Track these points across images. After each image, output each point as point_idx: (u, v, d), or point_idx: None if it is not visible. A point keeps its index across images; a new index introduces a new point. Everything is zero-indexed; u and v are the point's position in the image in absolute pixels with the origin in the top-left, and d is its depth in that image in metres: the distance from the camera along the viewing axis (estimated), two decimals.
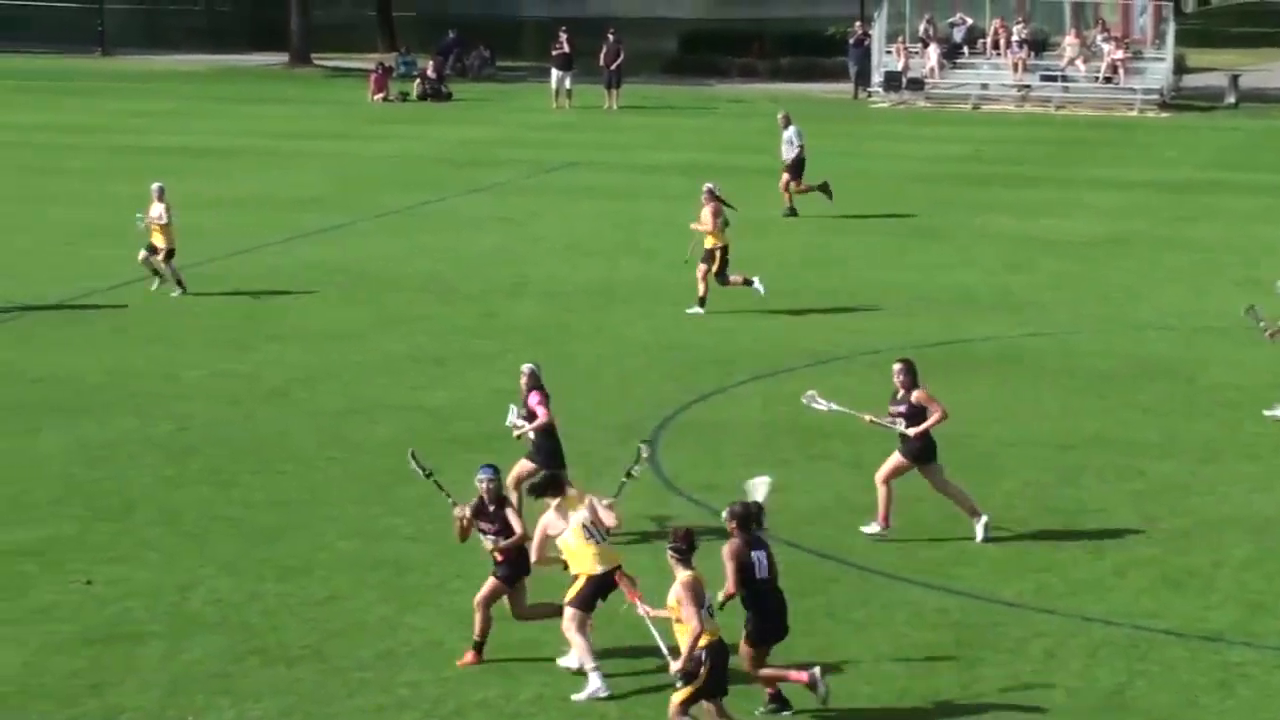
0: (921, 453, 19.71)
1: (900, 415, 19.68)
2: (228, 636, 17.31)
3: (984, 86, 64.68)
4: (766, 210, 39.86)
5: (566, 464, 19.16)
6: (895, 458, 19.83)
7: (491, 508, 16.70)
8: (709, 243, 30.70)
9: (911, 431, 19.58)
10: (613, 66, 61.77)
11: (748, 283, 30.75)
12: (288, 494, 21.50)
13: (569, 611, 16.23)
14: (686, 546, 14.72)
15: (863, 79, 65.34)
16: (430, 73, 65.65)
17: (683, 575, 14.62)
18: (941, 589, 18.59)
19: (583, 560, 16.26)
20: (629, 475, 17.84)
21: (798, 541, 19.59)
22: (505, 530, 16.62)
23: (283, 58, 75.29)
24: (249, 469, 22.36)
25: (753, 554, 15.24)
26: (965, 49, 66.39)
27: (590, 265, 34.99)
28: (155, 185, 31.34)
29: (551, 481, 16.80)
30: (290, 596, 18.32)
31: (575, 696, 15.86)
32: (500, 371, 25.46)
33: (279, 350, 28.27)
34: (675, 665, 14.55)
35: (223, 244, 36.31)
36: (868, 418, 20.15)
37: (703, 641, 14.37)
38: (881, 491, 19.94)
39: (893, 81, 64.21)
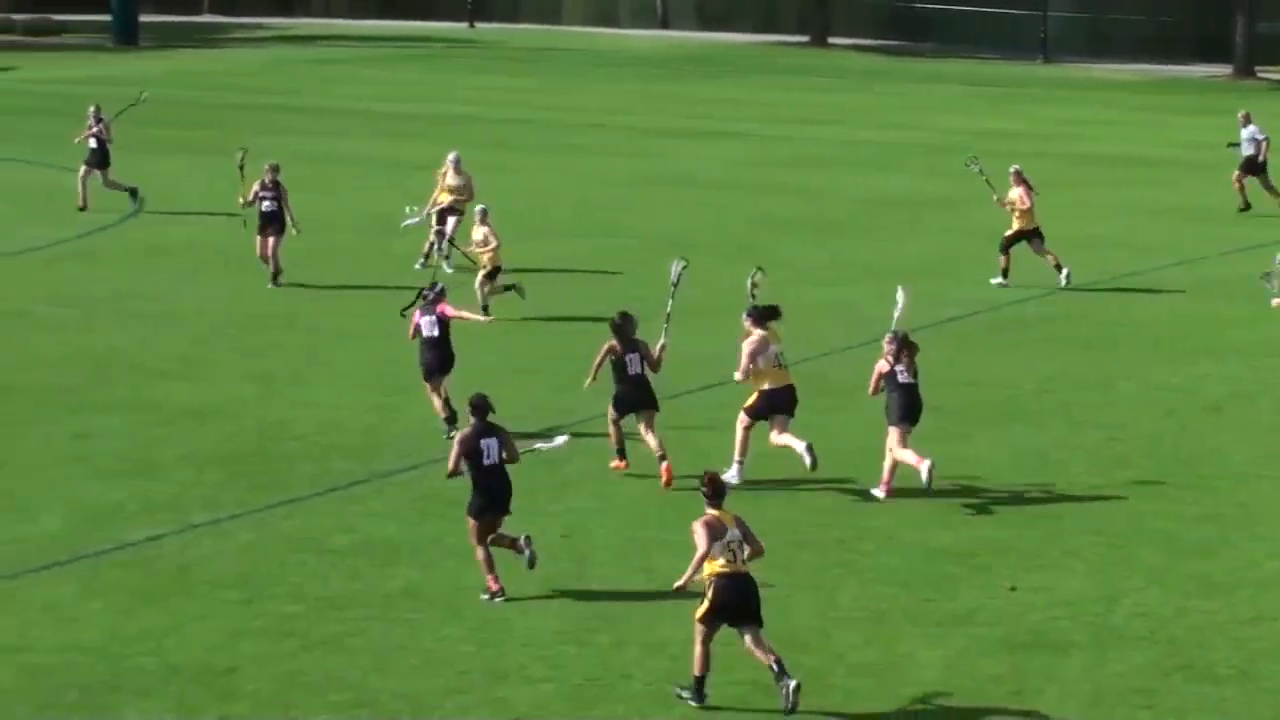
0: None
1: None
2: (1153, 651, 17.17)
3: None
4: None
5: None
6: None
7: None
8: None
9: None
10: None
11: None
12: (1219, 509, 21.19)
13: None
14: (712, 491, 16.21)
15: None
16: None
17: (705, 514, 16.09)
18: None
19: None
20: None
21: None
22: None
23: (1227, 69, 74.10)
24: (1180, 482, 22.16)
25: (481, 441, 17.96)
26: None
27: None
28: (479, 208, 30.35)
29: None
30: (1217, 614, 18.03)
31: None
32: None
33: (1216, 364, 27.87)
34: (676, 582, 16.30)
35: (1163, 254, 36.18)
36: None
37: (710, 570, 15.88)
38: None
39: None
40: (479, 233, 29.86)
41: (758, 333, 21.50)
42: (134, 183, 38.63)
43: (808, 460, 21.31)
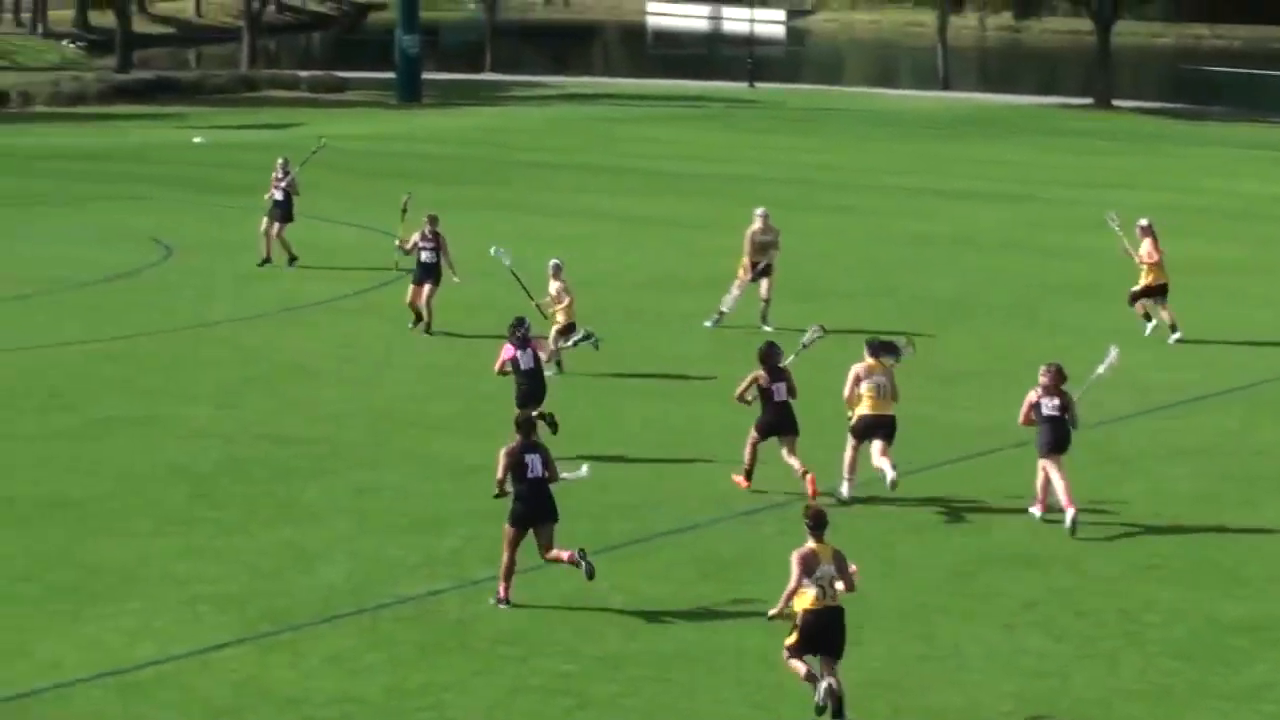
0: None
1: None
2: None
3: None
4: None
5: None
6: None
7: None
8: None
9: None
10: None
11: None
12: None
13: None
14: (813, 523, 17.03)
15: None
16: None
17: (805, 546, 16.92)
18: None
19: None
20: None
21: None
22: None
23: None
24: None
25: (526, 456, 19.32)
26: None
27: None
28: (552, 262, 30.19)
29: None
30: None
31: None
32: None
33: None
34: (770, 611, 17.31)
35: None
36: None
37: (801, 605, 16.77)
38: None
39: None
40: (552, 287, 29.88)
41: (867, 363, 23.33)
42: (298, 252, 38.89)
43: (890, 478, 22.75)
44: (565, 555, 19.51)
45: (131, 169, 55.97)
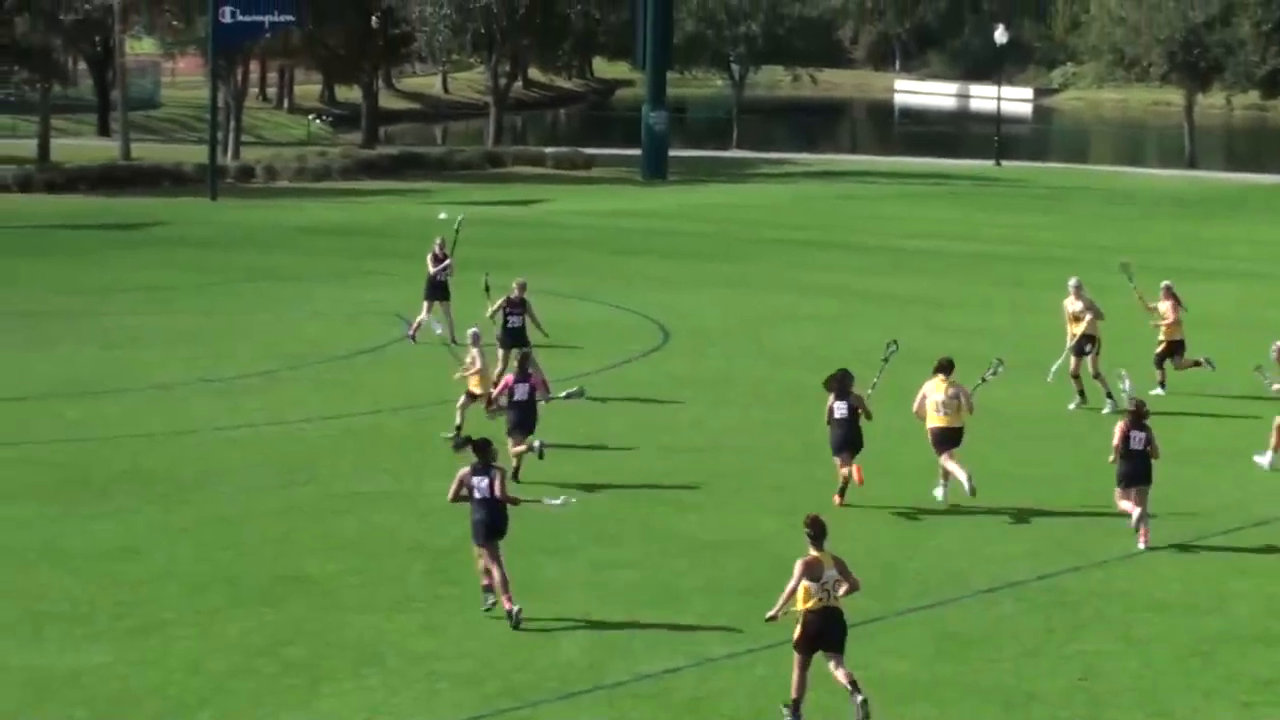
0: None
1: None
2: None
3: None
4: None
5: None
6: None
7: None
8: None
9: None
10: None
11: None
12: None
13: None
14: (813, 532, 18.70)
15: None
16: None
17: (808, 554, 18.57)
18: None
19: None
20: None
21: None
22: None
23: None
24: None
25: (475, 477, 21.59)
26: None
27: None
28: (470, 330, 30.17)
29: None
30: None
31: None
32: None
33: None
34: (768, 613, 18.81)
35: None
36: None
37: (801, 606, 18.41)
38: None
39: None
40: (468, 356, 30.16)
41: (935, 380, 26.64)
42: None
43: (967, 487, 25.80)
44: (505, 598, 21.40)
45: (376, 244, 56.99)
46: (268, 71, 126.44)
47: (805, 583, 18.43)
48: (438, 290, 39.17)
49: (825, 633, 18.42)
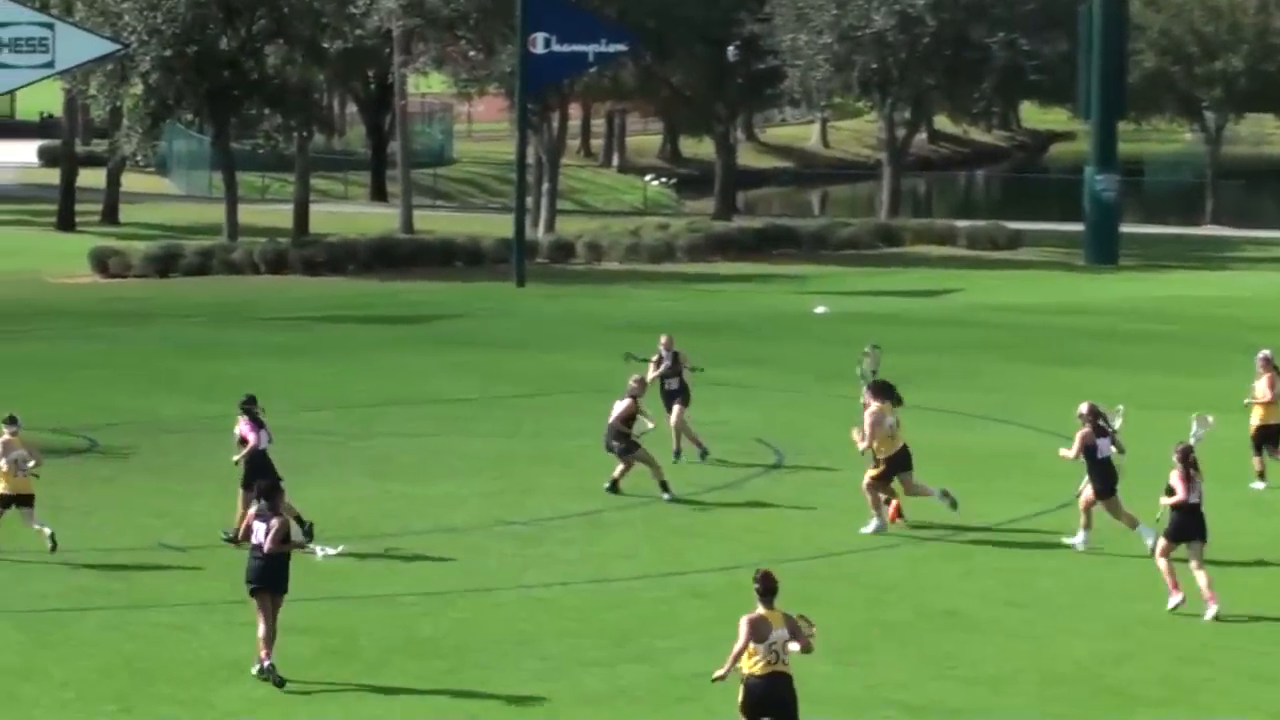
0: None
1: None
2: None
3: None
4: None
5: None
6: None
7: None
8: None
9: None
10: None
11: None
12: None
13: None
14: (762, 588, 21.73)
15: None
16: None
17: (755, 612, 21.59)
18: None
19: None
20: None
21: None
22: None
23: None
24: None
25: (258, 521, 26.79)
26: None
27: None
28: None
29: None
30: None
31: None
32: None
33: None
34: (716, 672, 21.93)
35: None
36: None
37: (747, 668, 21.37)
38: None
39: None
40: None
41: (876, 404, 33.84)
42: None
43: (946, 504, 33.79)
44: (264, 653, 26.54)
45: (731, 346, 57.16)
46: (591, 119, 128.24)
47: (751, 644, 21.29)
48: (673, 396, 41.26)
49: (773, 702, 21.24)
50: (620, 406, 37.75)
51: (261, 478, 30.10)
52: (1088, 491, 33.46)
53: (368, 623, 29.58)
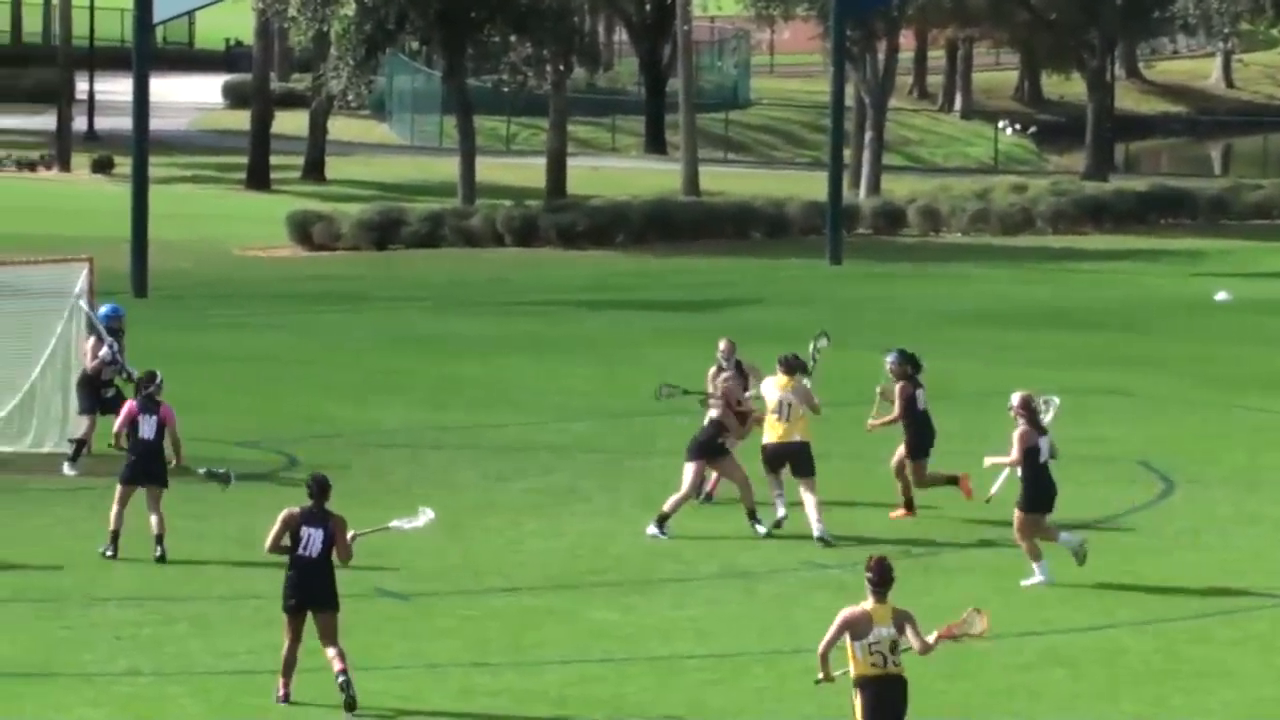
0: None
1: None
2: None
3: None
4: None
5: None
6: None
7: None
8: None
9: None
10: None
11: None
12: None
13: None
14: (875, 578, 22.87)
15: None
16: None
17: (858, 606, 22.92)
18: None
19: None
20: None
21: None
22: None
23: None
24: None
25: (304, 528, 27.88)
26: None
27: None
28: None
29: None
30: None
31: None
32: None
33: None
34: (818, 676, 23.32)
35: None
36: None
37: (857, 669, 22.76)
38: None
39: None
40: None
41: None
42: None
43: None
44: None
45: (1110, 343, 57.12)
46: (929, 50, 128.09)
47: (851, 641, 22.51)
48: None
49: (879, 706, 22.72)
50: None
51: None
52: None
53: (639, 691, 29.69)
